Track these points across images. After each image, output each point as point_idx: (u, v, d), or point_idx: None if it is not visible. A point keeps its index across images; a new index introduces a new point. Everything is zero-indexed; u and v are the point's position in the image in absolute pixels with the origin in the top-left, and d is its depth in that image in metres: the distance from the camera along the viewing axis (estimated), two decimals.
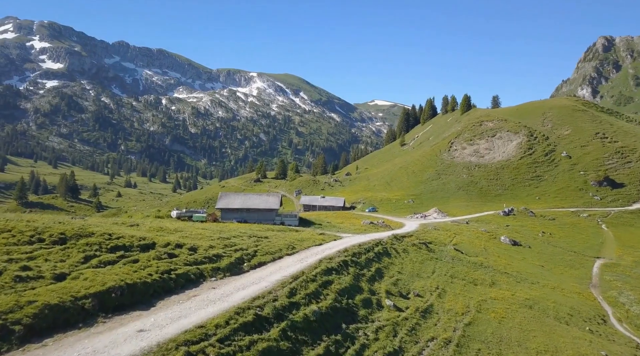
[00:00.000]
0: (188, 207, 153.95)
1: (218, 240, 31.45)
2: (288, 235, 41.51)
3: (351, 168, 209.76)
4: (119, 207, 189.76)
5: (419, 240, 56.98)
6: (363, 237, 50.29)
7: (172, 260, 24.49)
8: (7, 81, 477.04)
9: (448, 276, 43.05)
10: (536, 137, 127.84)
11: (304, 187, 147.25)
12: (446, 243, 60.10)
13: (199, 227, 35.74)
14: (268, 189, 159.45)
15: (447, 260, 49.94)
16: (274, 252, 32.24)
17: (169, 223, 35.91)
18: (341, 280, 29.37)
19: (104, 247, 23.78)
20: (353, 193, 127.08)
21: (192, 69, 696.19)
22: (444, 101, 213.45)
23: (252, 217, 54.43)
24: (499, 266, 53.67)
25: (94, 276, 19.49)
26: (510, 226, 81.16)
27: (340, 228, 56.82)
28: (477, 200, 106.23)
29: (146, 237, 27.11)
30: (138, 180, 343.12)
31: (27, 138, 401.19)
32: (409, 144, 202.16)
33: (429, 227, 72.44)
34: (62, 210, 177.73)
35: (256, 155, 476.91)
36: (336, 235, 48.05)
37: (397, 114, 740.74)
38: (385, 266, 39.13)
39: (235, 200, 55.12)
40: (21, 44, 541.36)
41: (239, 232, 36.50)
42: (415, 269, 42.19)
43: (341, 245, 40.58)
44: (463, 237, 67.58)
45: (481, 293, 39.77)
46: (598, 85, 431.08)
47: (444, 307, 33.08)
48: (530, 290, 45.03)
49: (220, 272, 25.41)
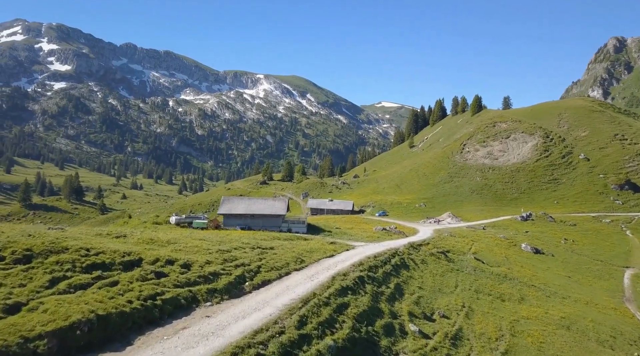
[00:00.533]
0: (193, 210, 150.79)
1: (217, 253, 27.51)
2: (296, 245, 37.51)
3: (359, 171, 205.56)
4: (123, 209, 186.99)
5: (437, 248, 52.81)
6: (377, 245, 46.22)
7: (159, 281, 20.57)
8: (15, 83, 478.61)
9: (472, 291, 38.84)
10: (552, 139, 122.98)
11: (311, 190, 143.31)
12: (465, 251, 55.85)
13: (197, 236, 31.85)
14: (274, 191, 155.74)
15: (469, 272, 45.71)
16: (280, 267, 28.26)
17: (162, 233, 32.05)
18: (358, 301, 25.29)
19: (78, 266, 19.92)
20: (362, 197, 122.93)
21: (199, 70, 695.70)
22: (453, 102, 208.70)
23: (256, 224, 50.56)
24: (524, 277, 49.35)
25: (57, 307, 15.62)
26: (529, 232, 76.62)
27: (352, 235, 52.74)
28: (492, 204, 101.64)
29: (132, 252, 23.23)
30: (144, 181, 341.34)
31: (34, 140, 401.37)
32: (418, 146, 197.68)
33: (445, 233, 68.16)
34: (66, 212, 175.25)
35: (262, 157, 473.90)
36: (348, 244, 44.01)
37: (405, 116, 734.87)
38: (404, 280, 35.03)
39: (238, 205, 51.25)
40: (29, 46, 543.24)
41: (241, 243, 32.55)
42: (436, 283, 38.02)
43: (355, 256, 36.53)
44: (482, 245, 63.26)
45: (511, 312, 35.55)
46: (609, 87, 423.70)
47: (474, 331, 28.92)
48: (563, 306, 40.69)
49: (217, 295, 21.44)
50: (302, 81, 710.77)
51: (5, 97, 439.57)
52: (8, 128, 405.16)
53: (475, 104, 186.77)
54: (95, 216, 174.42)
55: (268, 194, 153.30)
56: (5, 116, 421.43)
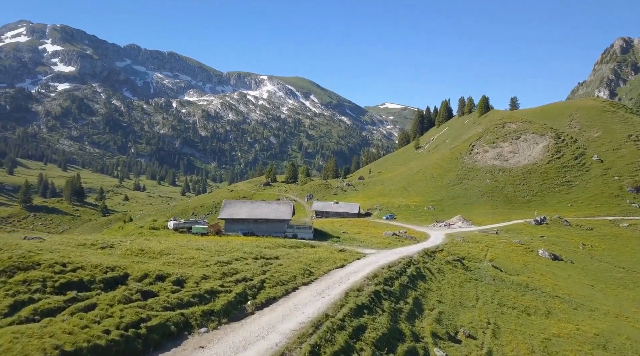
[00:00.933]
0: (195, 212, 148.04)
1: (215, 266, 24.37)
2: (303, 254, 34.35)
3: (364, 172, 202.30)
4: (124, 211, 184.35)
5: (452, 255, 49.57)
6: (389, 253, 43.02)
7: (146, 303, 17.45)
8: (19, 84, 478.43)
9: (495, 304, 35.60)
10: (564, 140, 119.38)
11: (316, 192, 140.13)
12: (481, 258, 52.58)
13: (194, 245, 28.74)
14: (278, 193, 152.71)
15: (488, 281, 42.45)
16: (286, 282, 25.11)
17: (156, 241, 28.95)
18: (376, 322, 22.11)
19: (50, 286, 16.86)
20: (368, 199, 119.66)
21: (203, 72, 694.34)
22: (460, 103, 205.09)
23: (260, 229, 47.37)
24: (546, 287, 46.02)
25: (11, 343, 12.58)
26: (545, 237, 73.17)
27: (362, 242, 49.53)
28: (503, 207, 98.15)
29: (117, 266, 20.14)
30: (147, 183, 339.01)
31: (37, 141, 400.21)
32: (424, 147, 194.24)
33: (457, 238, 64.86)
34: (67, 214, 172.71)
35: (266, 158, 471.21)
36: (359, 252, 40.81)
37: (408, 117, 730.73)
38: (422, 293, 31.83)
39: (241, 209, 48.05)
40: (34, 47, 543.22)
41: (243, 252, 29.41)
42: (456, 295, 34.79)
43: (367, 267, 33.37)
44: (497, 251, 59.93)
45: (540, 328, 32.27)
46: (616, 88, 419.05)
47: (504, 353, 25.69)
48: (594, 321, 37.35)
49: (214, 318, 18.28)
50: (306, 82, 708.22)
51: (9, 98, 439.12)
52: (12, 129, 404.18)
53: (482, 105, 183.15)
54: (97, 218, 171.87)
55: (272, 196, 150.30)
56: (9, 117, 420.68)
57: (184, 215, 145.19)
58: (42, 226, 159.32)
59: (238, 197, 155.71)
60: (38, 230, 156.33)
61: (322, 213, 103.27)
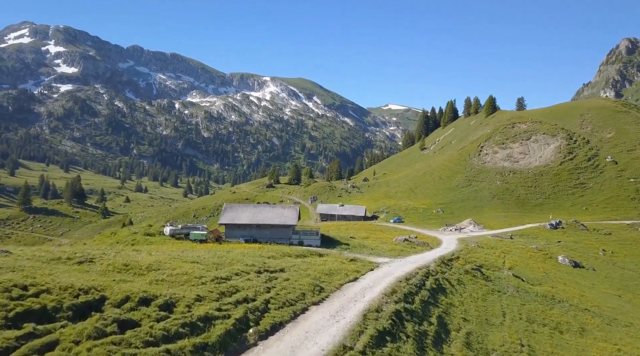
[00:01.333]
0: (197, 214, 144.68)
1: (212, 283, 20.96)
2: (311, 265, 30.90)
3: (368, 174, 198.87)
4: (125, 213, 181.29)
5: (469, 263, 46.10)
6: (404, 262, 39.54)
7: (123, 337, 14.06)
8: (22, 85, 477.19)
9: (524, 320, 32.11)
10: (576, 140, 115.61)
11: (320, 194, 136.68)
12: (499, 266, 49.05)
13: (189, 257, 25.33)
14: (281, 195, 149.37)
15: (512, 293, 38.94)
16: (294, 301, 21.69)
17: (146, 252, 25.54)
18: (401, 352, 18.66)
19: (2, 316, 13.47)
20: (373, 201, 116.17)
21: (206, 73, 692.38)
22: (466, 103, 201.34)
23: (263, 235, 43.94)
24: (572, 298, 42.44)
25: None
26: (562, 242, 69.48)
27: (373, 249, 46.04)
28: (515, 210, 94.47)
29: (92, 288, 16.77)
30: (149, 184, 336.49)
31: (40, 142, 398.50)
32: (429, 148, 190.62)
33: (471, 244, 61.32)
34: (67, 216, 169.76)
35: (269, 160, 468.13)
36: (371, 262, 37.35)
37: (412, 118, 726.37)
38: (445, 310, 28.35)
39: (242, 214, 44.62)
40: (37, 49, 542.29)
41: (245, 265, 25.98)
42: (481, 311, 31.29)
43: (383, 279, 29.92)
44: (514, 257, 56.38)
45: (578, 350, 28.77)
46: (622, 89, 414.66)
47: None
48: (632, 339, 33.79)
49: (208, 354, 14.86)
50: (309, 83, 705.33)
51: (12, 99, 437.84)
52: (14, 130, 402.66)
53: (489, 105, 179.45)
54: (97, 220, 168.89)
55: (275, 198, 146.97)
56: (11, 118, 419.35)
57: (185, 218, 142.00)
58: (41, 228, 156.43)
59: (240, 198, 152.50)
60: (37, 232, 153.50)
61: (327, 216, 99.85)
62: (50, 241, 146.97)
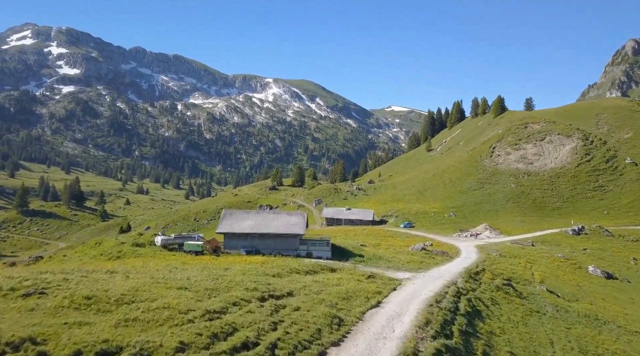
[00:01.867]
0: (197, 218, 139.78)
1: (202, 321, 16.02)
2: (324, 286, 25.95)
3: (373, 176, 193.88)
4: (125, 216, 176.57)
5: (495, 275, 41.21)
6: (427, 277, 34.55)
7: None
8: (24, 86, 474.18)
9: (576, 351, 27.15)
10: (592, 141, 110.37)
11: (324, 196, 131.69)
12: (529, 279, 44.06)
13: (176, 282, 20.37)
14: (284, 197, 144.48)
15: (552, 313, 33.96)
16: (308, 342, 16.77)
17: (121, 276, 20.54)
18: None
19: None
20: (380, 204, 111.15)
21: (208, 74, 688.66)
22: (473, 104, 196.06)
23: (267, 246, 38.98)
24: (617, 318, 37.44)
25: None
26: (588, 250, 64.33)
27: (389, 261, 41.04)
28: (531, 214, 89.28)
29: (28, 339, 11.87)
30: (151, 186, 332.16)
31: (41, 144, 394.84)
32: (436, 150, 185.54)
33: (493, 253, 56.29)
34: (65, 218, 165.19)
35: (271, 161, 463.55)
36: (391, 278, 32.35)
37: (415, 120, 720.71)
38: (487, 342, 23.39)
39: (243, 222, 39.57)
40: (39, 50, 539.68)
41: (245, 290, 21.05)
42: (526, 341, 26.32)
43: (410, 303, 24.96)
44: (541, 268, 51.33)
45: None
46: (628, 90, 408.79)
47: None
48: None
49: None
50: (311, 85, 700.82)
51: (14, 100, 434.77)
52: (15, 131, 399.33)
53: (497, 105, 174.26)
54: (96, 223, 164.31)
55: (278, 200, 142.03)
56: (12, 119, 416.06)
57: (185, 221, 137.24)
58: (38, 231, 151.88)
59: (243, 201, 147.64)
60: (33, 235, 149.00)
61: (333, 221, 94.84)
62: (47, 244, 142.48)
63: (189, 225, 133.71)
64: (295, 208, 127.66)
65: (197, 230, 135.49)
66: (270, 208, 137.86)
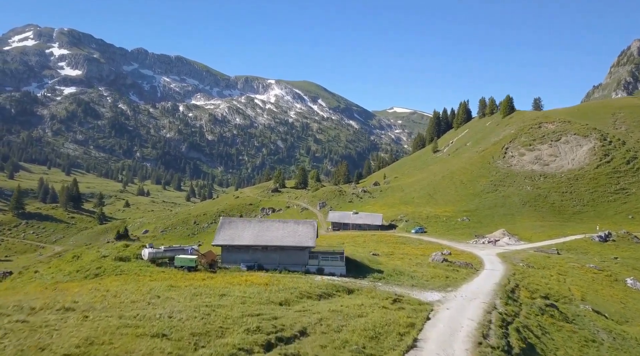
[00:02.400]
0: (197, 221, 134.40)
1: None
2: (344, 318, 20.65)
3: (377, 177, 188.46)
4: (123, 219, 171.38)
5: (532, 292, 35.88)
6: (461, 300, 29.15)
7: None
8: (25, 88, 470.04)
9: None
10: (611, 141, 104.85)
11: (329, 199, 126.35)
12: (568, 296, 38.65)
13: (152, 324, 15.09)
14: (287, 200, 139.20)
15: (609, 342, 28.61)
16: None
17: (77, 317, 15.32)
18: None
19: None
20: (388, 207, 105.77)
21: (210, 76, 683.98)
22: (480, 104, 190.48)
23: (271, 260, 33.59)
24: None
25: None
26: (619, 259, 58.86)
27: (413, 277, 35.67)
28: (551, 218, 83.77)
29: None
30: (152, 188, 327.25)
31: (42, 145, 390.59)
32: (442, 151, 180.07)
33: (518, 262, 50.90)
34: (62, 221, 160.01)
35: (273, 163, 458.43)
36: (421, 302, 26.97)
37: (417, 121, 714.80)
38: None
39: (244, 232, 34.02)
40: (40, 51, 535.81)
41: (245, 333, 15.80)
42: None
43: (454, 340, 19.68)
44: (576, 281, 45.92)
45: None
46: (634, 90, 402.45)
47: None
48: None
49: None
50: (314, 86, 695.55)
51: (15, 101, 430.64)
52: (16, 133, 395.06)
53: (506, 105, 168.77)
54: (93, 226, 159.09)
55: (281, 203, 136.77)
56: (14, 121, 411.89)
57: (185, 225, 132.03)
58: (33, 235, 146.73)
59: (244, 204, 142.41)
60: (29, 239, 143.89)
61: (339, 225, 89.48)
62: (43, 248, 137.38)
63: (188, 229, 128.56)
64: (299, 211, 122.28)
65: (196, 235, 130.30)
66: (272, 211, 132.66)
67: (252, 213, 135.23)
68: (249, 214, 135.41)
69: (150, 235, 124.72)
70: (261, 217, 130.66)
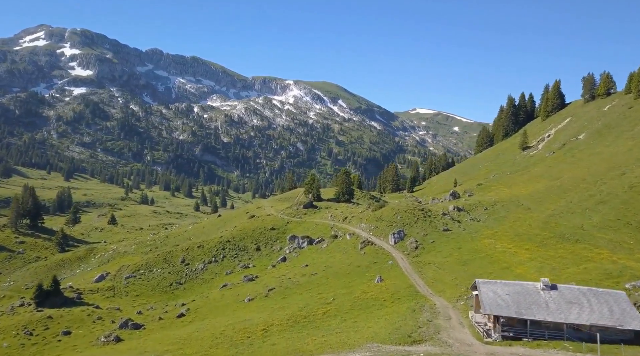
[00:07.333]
0: (185, 259, 78.88)
1: None
2: None
3: (443, 183, 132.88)
4: (94, 243, 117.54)
5: None
6: None
7: None
8: (33, 88, 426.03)
9: None
10: None
11: (408, 224, 70.87)
12: None
13: None
14: (331, 223, 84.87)
15: None
16: None
17: None
18: None
19: None
20: (537, 248, 50.32)
21: (227, 76, 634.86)
22: (585, 83, 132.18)
23: None
24: None
25: None
26: None
27: None
28: None
29: None
30: (159, 194, 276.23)
31: (45, 148, 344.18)
32: (536, 147, 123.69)
33: None
34: (4, 249, 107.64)
35: (293, 166, 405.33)
36: None
37: (442, 123, 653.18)
38: None
39: None
40: (51, 51, 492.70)
41: None
42: None
43: None
44: None
45: None
46: None
47: None
48: None
49: None
50: (333, 87, 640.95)
51: (19, 102, 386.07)
52: (18, 135, 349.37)
53: (637, 81, 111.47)
54: (51, 254, 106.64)
55: (322, 230, 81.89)
56: (17, 122, 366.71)
57: (166, 265, 77.90)
58: None
59: (264, 228, 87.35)
60: None
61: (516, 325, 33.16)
62: None
63: (171, 273, 74.38)
64: (355, 246, 67.21)
65: (182, 285, 75.56)
66: (309, 242, 77.88)
67: (277, 243, 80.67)
68: (270, 244, 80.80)
69: (107, 286, 70.79)
70: (290, 251, 75.66)
